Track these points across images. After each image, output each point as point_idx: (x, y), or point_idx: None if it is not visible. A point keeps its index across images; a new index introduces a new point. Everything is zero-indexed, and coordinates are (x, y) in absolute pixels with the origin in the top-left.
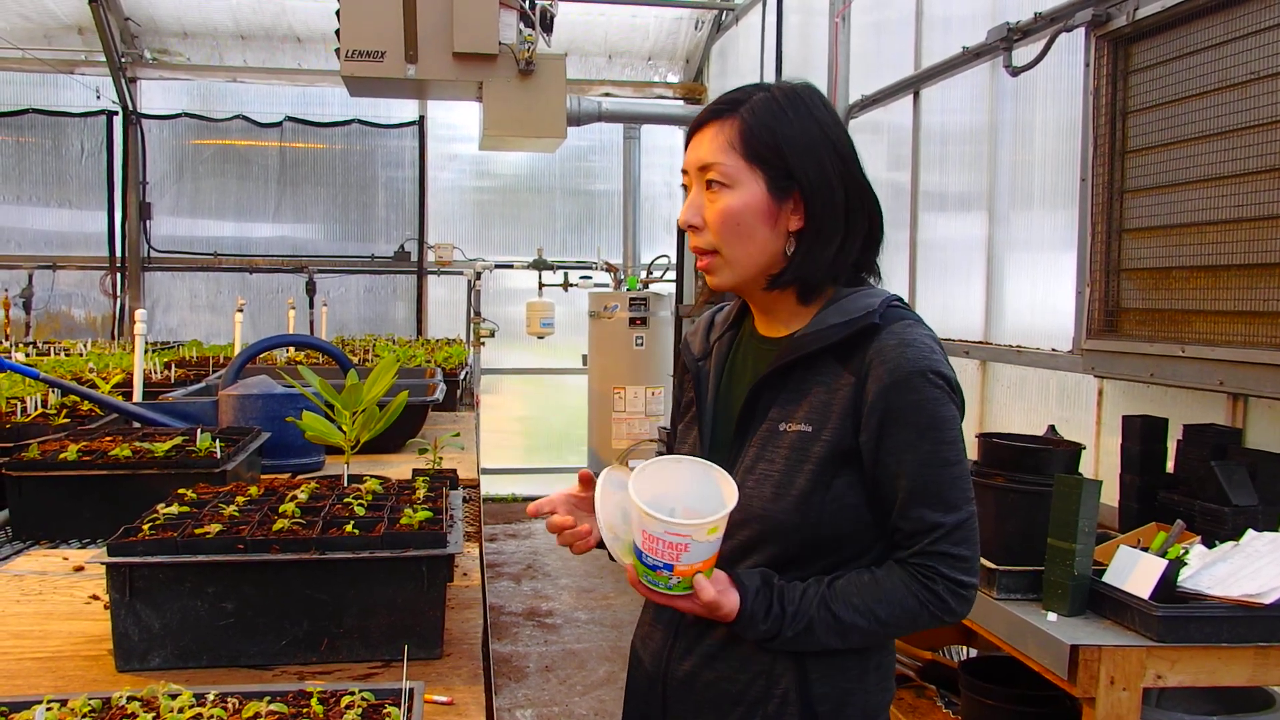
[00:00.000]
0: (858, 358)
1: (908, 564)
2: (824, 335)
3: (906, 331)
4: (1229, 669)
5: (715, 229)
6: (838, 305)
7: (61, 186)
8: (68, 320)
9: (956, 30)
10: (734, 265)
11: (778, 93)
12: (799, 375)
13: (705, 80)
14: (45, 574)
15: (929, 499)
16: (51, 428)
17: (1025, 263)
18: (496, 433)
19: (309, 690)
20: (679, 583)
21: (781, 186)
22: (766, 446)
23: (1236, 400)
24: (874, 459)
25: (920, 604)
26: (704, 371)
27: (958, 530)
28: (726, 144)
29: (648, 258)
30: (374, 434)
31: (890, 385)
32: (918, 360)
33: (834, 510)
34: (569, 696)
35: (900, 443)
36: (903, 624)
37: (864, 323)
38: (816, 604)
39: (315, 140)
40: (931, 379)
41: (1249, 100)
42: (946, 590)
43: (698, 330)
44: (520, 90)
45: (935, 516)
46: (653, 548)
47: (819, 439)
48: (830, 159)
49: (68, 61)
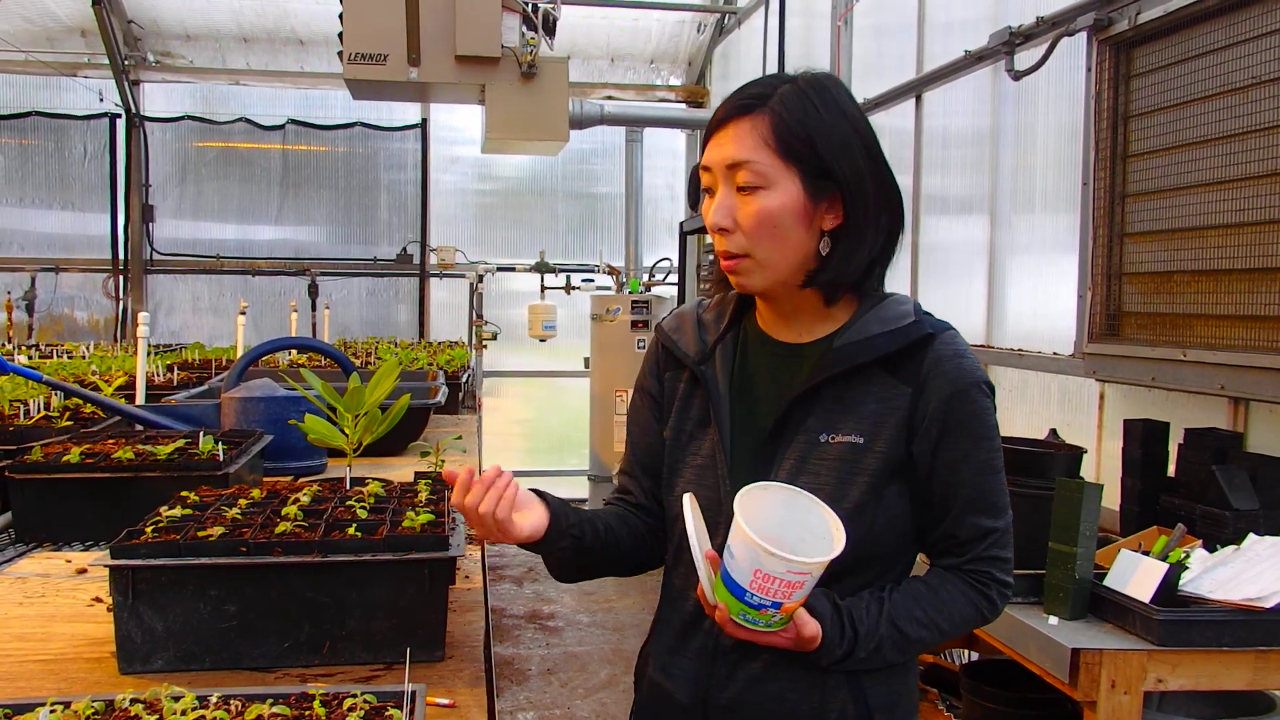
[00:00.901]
0: (911, 368)
1: (963, 571)
2: (873, 346)
3: (956, 343)
4: (1230, 673)
5: (749, 231)
6: (874, 314)
7: (64, 189)
8: (70, 323)
9: (958, 34)
10: (767, 268)
11: (804, 84)
12: (840, 385)
13: (707, 83)
14: (48, 576)
15: (983, 506)
16: (54, 430)
17: (1027, 266)
18: (498, 435)
19: (311, 692)
20: (780, 619)
21: (818, 184)
22: (809, 459)
23: (1238, 404)
24: (930, 468)
25: (975, 610)
26: (709, 375)
27: (1005, 534)
28: (760, 141)
29: (650, 261)
30: (376, 437)
31: (951, 396)
32: (974, 371)
33: (885, 520)
34: (570, 699)
35: (960, 453)
36: (959, 631)
37: (915, 334)
38: (885, 623)
39: (318, 143)
40: (985, 390)
41: (1250, 105)
42: (997, 594)
43: (684, 328)
44: (522, 93)
45: (988, 522)
46: (766, 587)
47: (872, 450)
48: (860, 152)
49: (71, 64)
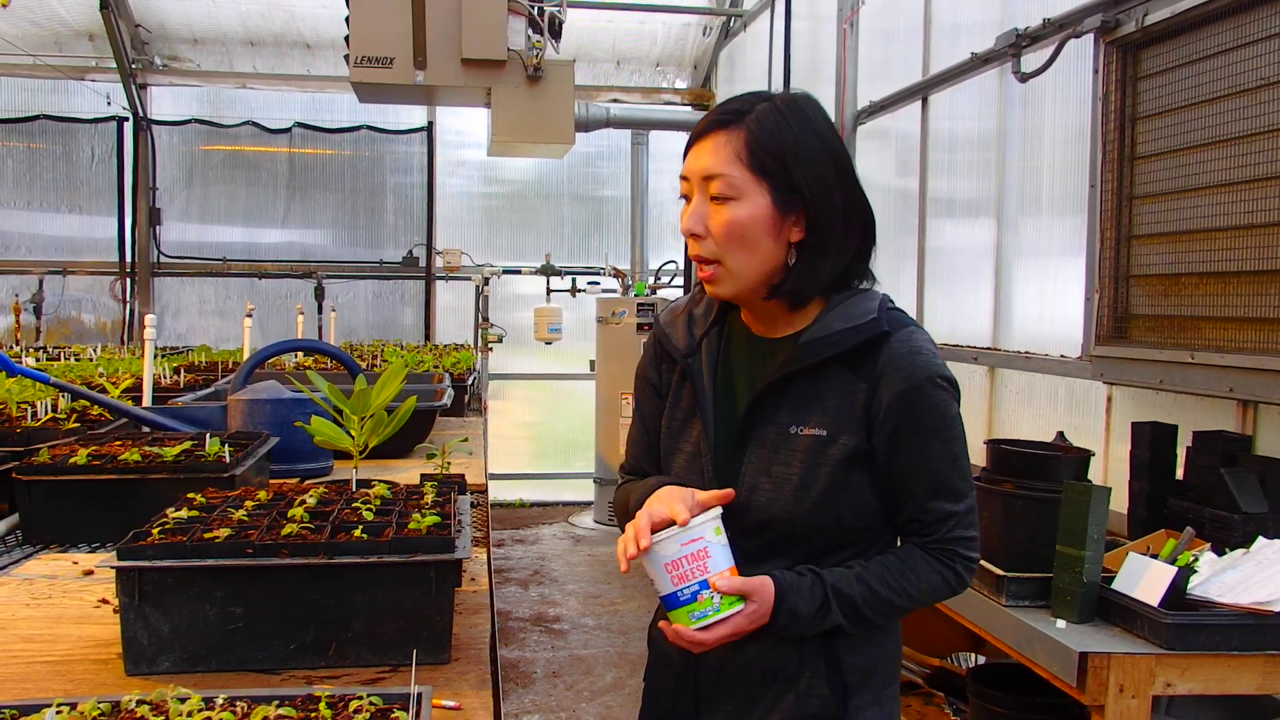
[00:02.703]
0: (869, 364)
1: (929, 549)
2: (833, 342)
3: (913, 339)
4: (1239, 677)
5: (720, 239)
6: (840, 309)
7: (72, 192)
8: (78, 325)
9: (965, 36)
10: (736, 276)
11: (780, 103)
12: (807, 379)
13: (713, 86)
14: (55, 578)
15: (944, 492)
16: (61, 432)
17: (1034, 269)
18: (504, 438)
19: (317, 694)
20: (723, 599)
21: (786, 199)
22: (780, 449)
23: (1246, 407)
24: (889, 460)
25: (943, 579)
26: (696, 368)
27: (968, 515)
28: (733, 155)
29: (655, 263)
30: (382, 439)
31: (905, 392)
32: (927, 368)
33: (851, 506)
34: (576, 702)
35: (917, 445)
36: (928, 598)
37: (872, 331)
38: (857, 582)
39: (324, 146)
40: (940, 384)
41: (1259, 106)
42: (963, 567)
43: (676, 322)
44: (528, 96)
45: (950, 506)
46: (681, 574)
47: (835, 442)
48: (830, 170)
49: (79, 68)
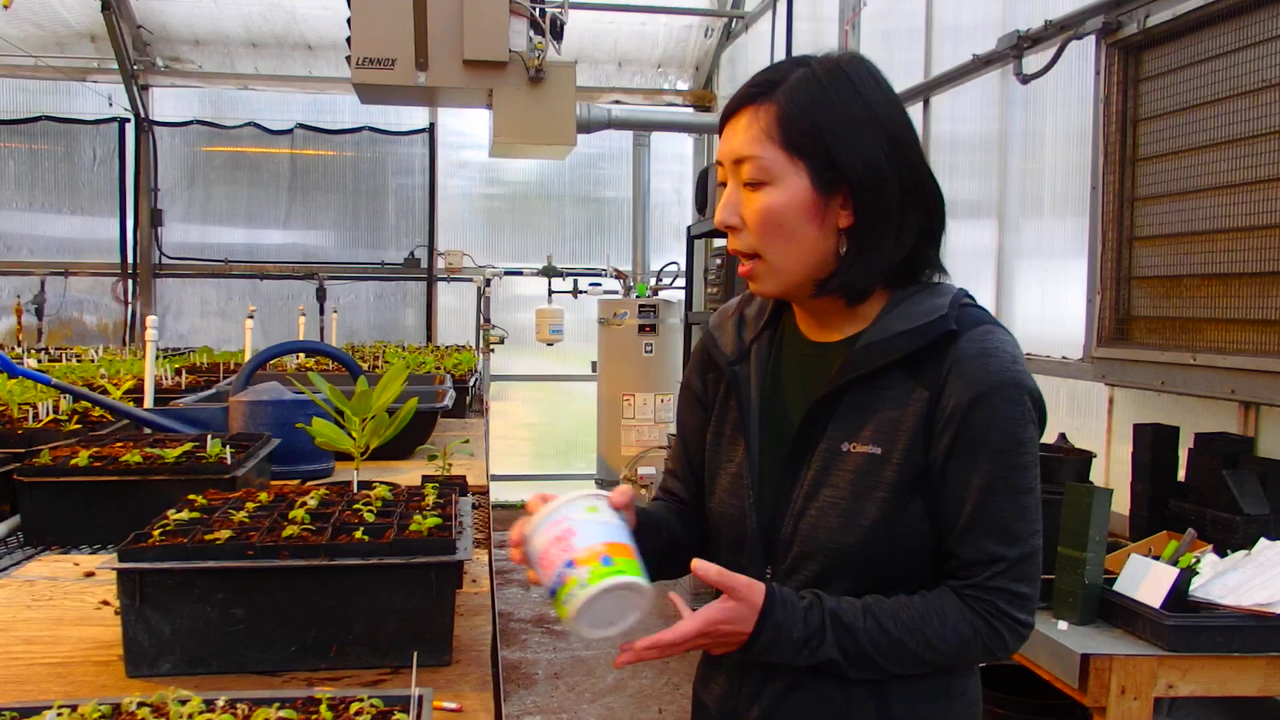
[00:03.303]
0: (932, 370)
1: (963, 595)
2: (891, 347)
3: (987, 339)
4: (1241, 679)
5: (755, 230)
6: (901, 309)
7: (73, 193)
8: (79, 326)
9: (966, 38)
10: (779, 271)
11: (818, 69)
12: (861, 388)
13: (715, 88)
14: (56, 579)
15: (993, 529)
16: (63, 433)
17: (1035, 270)
18: (506, 439)
19: (318, 696)
20: (590, 571)
21: (827, 179)
22: (829, 469)
23: (1248, 409)
24: (940, 478)
25: (974, 633)
26: (742, 377)
27: (1020, 565)
28: (762, 133)
29: (657, 265)
30: (383, 440)
31: (969, 401)
32: (1000, 372)
33: (907, 537)
34: (578, 703)
35: (968, 463)
36: (952, 651)
37: (937, 331)
38: (865, 616)
39: (326, 147)
40: (1014, 395)
41: (1261, 108)
42: (1006, 628)
43: (725, 325)
44: (530, 97)
45: (996, 548)
46: (548, 559)
47: (889, 462)
48: (880, 143)
49: (80, 69)
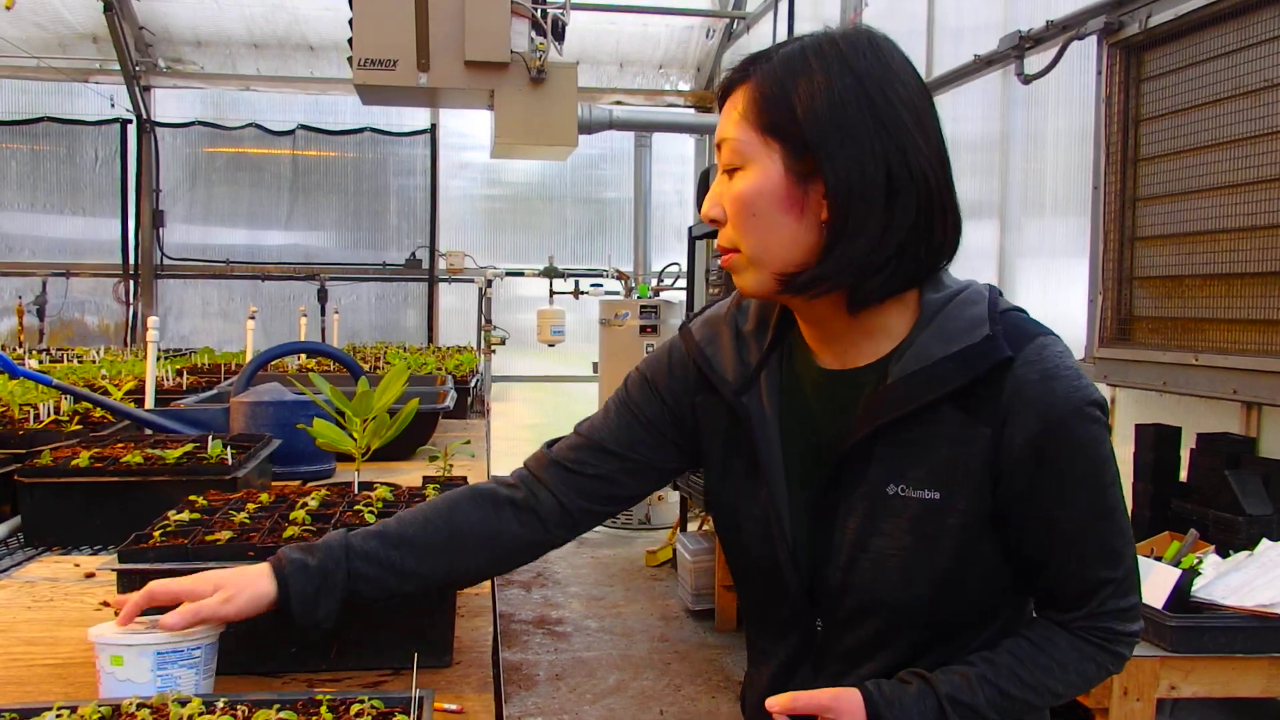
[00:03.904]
0: (989, 402)
1: (1074, 628)
2: (937, 378)
3: (1045, 356)
4: (1244, 680)
5: (731, 219)
6: (936, 326)
7: (75, 194)
8: (81, 327)
9: (968, 38)
10: (757, 265)
11: (809, 42)
12: (899, 422)
13: (716, 88)
14: (56, 580)
15: (1096, 554)
16: (63, 434)
17: (1037, 270)
18: (507, 440)
19: (318, 698)
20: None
21: (802, 163)
22: (876, 516)
23: (1250, 409)
24: (1022, 517)
25: (1097, 667)
26: (754, 411)
27: (1126, 580)
28: (740, 115)
29: (659, 265)
30: (385, 441)
31: (1041, 434)
32: (1069, 396)
33: (980, 583)
34: (579, 704)
35: (1058, 498)
36: (1077, 691)
37: (991, 360)
38: (981, 684)
39: (327, 148)
40: (1088, 414)
41: (1262, 108)
42: (1125, 646)
43: (720, 342)
44: (532, 98)
45: (1105, 573)
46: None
47: (954, 509)
48: (864, 123)
49: (82, 70)
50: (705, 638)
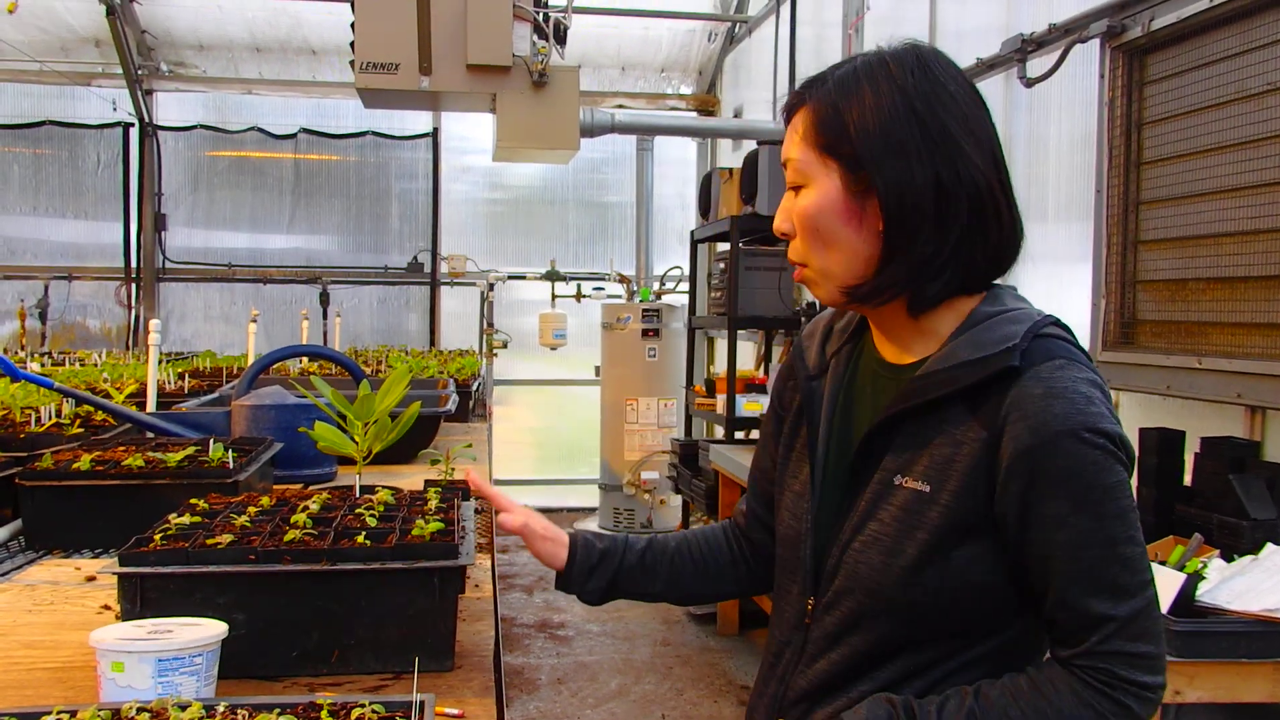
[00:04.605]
0: (991, 406)
1: (1073, 667)
2: (951, 378)
3: (1056, 377)
4: (1248, 685)
5: (799, 235)
6: (974, 334)
7: (77, 198)
8: (83, 331)
9: (970, 42)
10: (826, 278)
11: (861, 62)
12: (920, 419)
13: (718, 92)
14: (57, 584)
15: (1093, 586)
16: (65, 437)
17: (1040, 274)
18: (509, 444)
19: (319, 702)
20: None
21: (858, 179)
22: (879, 501)
23: (1254, 413)
24: (1019, 536)
25: (1096, 715)
26: (817, 393)
27: (1134, 623)
28: (801, 137)
29: (660, 269)
30: (386, 445)
31: (1033, 448)
32: (1068, 417)
33: (954, 588)
34: (581, 709)
35: (1050, 518)
36: None
37: (999, 365)
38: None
39: (329, 152)
40: (1087, 439)
41: (1265, 111)
42: (1132, 696)
43: (814, 336)
44: (534, 102)
45: (1103, 608)
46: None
47: (936, 502)
48: (912, 136)
49: (85, 74)
50: (707, 642)
